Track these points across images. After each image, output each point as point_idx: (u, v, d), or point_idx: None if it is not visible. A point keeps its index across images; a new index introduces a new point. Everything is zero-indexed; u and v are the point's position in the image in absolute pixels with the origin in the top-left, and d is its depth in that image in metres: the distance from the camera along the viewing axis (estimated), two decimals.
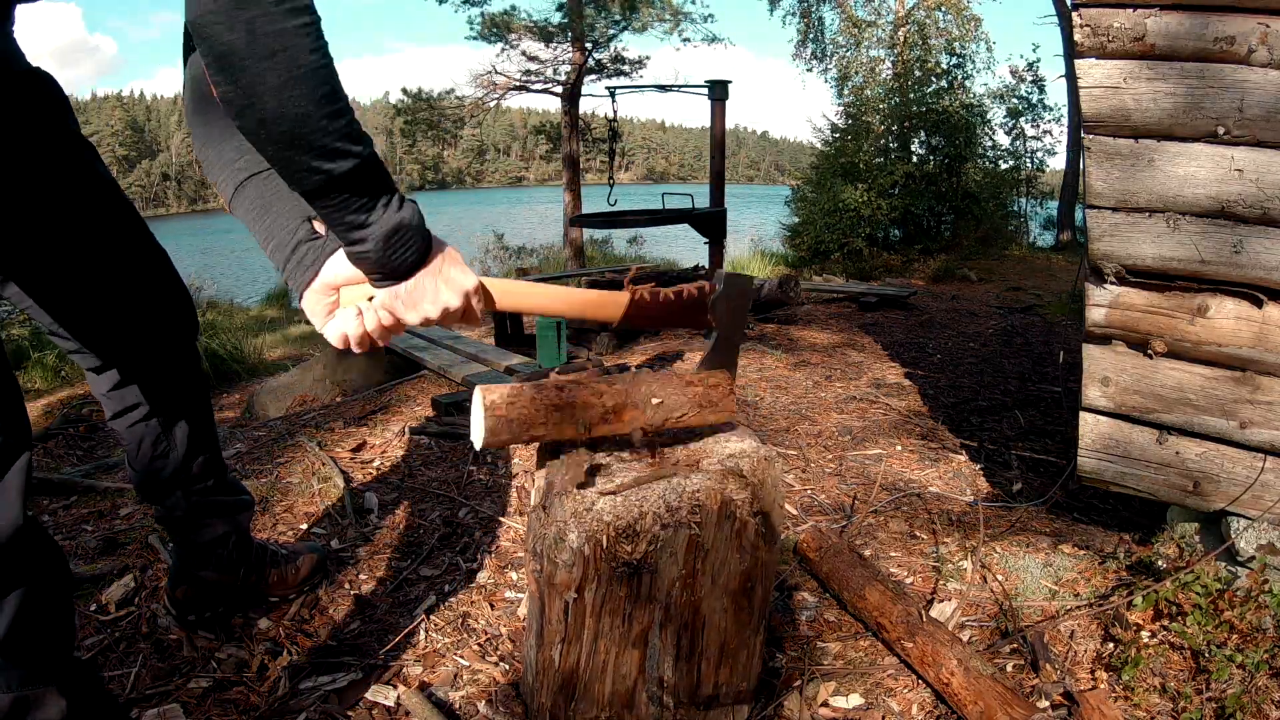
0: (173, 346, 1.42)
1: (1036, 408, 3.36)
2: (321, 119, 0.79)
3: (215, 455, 1.51)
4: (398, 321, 0.98)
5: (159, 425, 1.42)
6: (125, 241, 1.30)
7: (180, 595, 1.55)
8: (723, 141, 4.84)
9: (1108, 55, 1.68)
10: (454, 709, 1.39)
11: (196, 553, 1.53)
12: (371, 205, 0.87)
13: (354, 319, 0.98)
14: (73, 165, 1.20)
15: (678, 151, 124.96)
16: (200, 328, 1.50)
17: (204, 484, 1.49)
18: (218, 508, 1.53)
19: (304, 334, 6.73)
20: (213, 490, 1.51)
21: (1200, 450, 1.74)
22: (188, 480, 1.46)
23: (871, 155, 11.14)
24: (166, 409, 1.42)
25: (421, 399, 3.36)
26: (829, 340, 4.77)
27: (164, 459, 1.43)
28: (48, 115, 1.15)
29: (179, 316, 1.42)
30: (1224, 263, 1.64)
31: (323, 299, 0.99)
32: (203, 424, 1.48)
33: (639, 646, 1.15)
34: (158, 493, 1.47)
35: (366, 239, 0.89)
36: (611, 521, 1.06)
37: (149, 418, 1.41)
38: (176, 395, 1.43)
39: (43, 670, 0.94)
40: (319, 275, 0.98)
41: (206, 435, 1.49)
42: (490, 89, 12.58)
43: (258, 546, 1.65)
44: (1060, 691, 1.41)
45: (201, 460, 1.48)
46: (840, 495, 2.40)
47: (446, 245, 0.98)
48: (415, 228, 0.91)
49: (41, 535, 0.98)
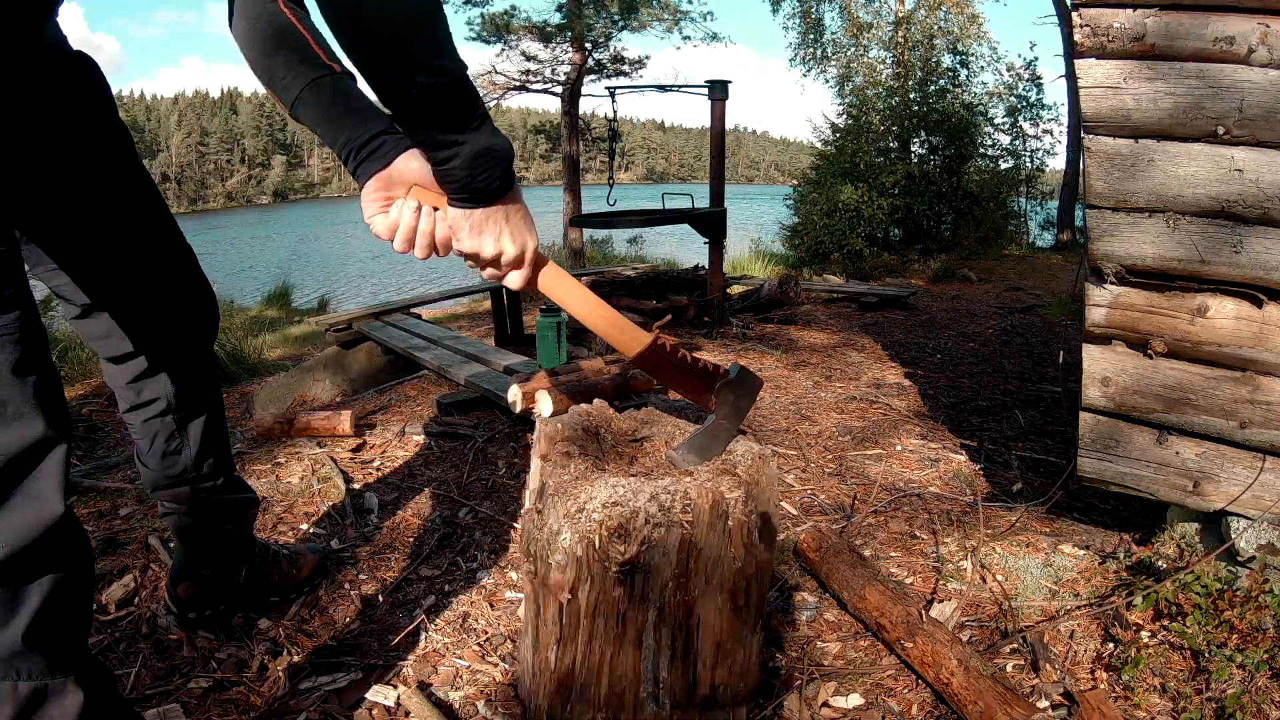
0: (195, 344, 1.42)
1: (1036, 408, 3.36)
2: (423, 31, 0.81)
3: (225, 454, 1.52)
4: (452, 242, 0.99)
5: (174, 422, 1.42)
6: (158, 231, 1.31)
7: (182, 593, 1.55)
8: (722, 141, 4.84)
9: (1108, 55, 1.68)
10: (454, 709, 1.39)
11: (200, 550, 1.53)
12: (465, 123, 0.88)
13: (412, 214, 0.99)
14: (117, 147, 1.22)
15: (678, 151, 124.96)
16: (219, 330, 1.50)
17: (213, 482, 1.49)
18: (225, 506, 1.53)
19: (304, 334, 6.73)
20: (221, 489, 1.51)
21: (1200, 450, 1.74)
22: (198, 478, 1.47)
23: (872, 155, 11.15)
24: (184, 406, 1.42)
25: (422, 399, 3.36)
26: (829, 340, 4.77)
27: (176, 455, 1.43)
28: (94, 96, 1.17)
29: (203, 315, 1.42)
30: (1224, 263, 1.64)
31: (384, 192, 0.99)
32: (216, 423, 1.49)
33: (634, 647, 1.15)
34: (167, 489, 1.47)
35: (456, 156, 0.89)
36: (603, 521, 1.06)
37: (166, 413, 1.41)
38: (195, 393, 1.43)
39: (63, 660, 0.94)
40: (391, 165, 0.98)
41: (219, 434, 1.49)
42: (490, 89, 12.58)
43: (261, 546, 1.65)
44: (1060, 691, 1.41)
45: (213, 460, 1.48)
46: (840, 495, 2.40)
47: (524, 202, 1.00)
48: (504, 153, 0.92)
49: (75, 526, 0.98)
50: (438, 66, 0.83)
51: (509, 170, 0.94)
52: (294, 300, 10.11)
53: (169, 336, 1.37)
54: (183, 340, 1.40)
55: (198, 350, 1.43)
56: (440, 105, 0.85)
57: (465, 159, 0.89)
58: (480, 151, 0.90)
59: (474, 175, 0.91)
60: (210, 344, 1.46)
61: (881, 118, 11.58)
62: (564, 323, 3.58)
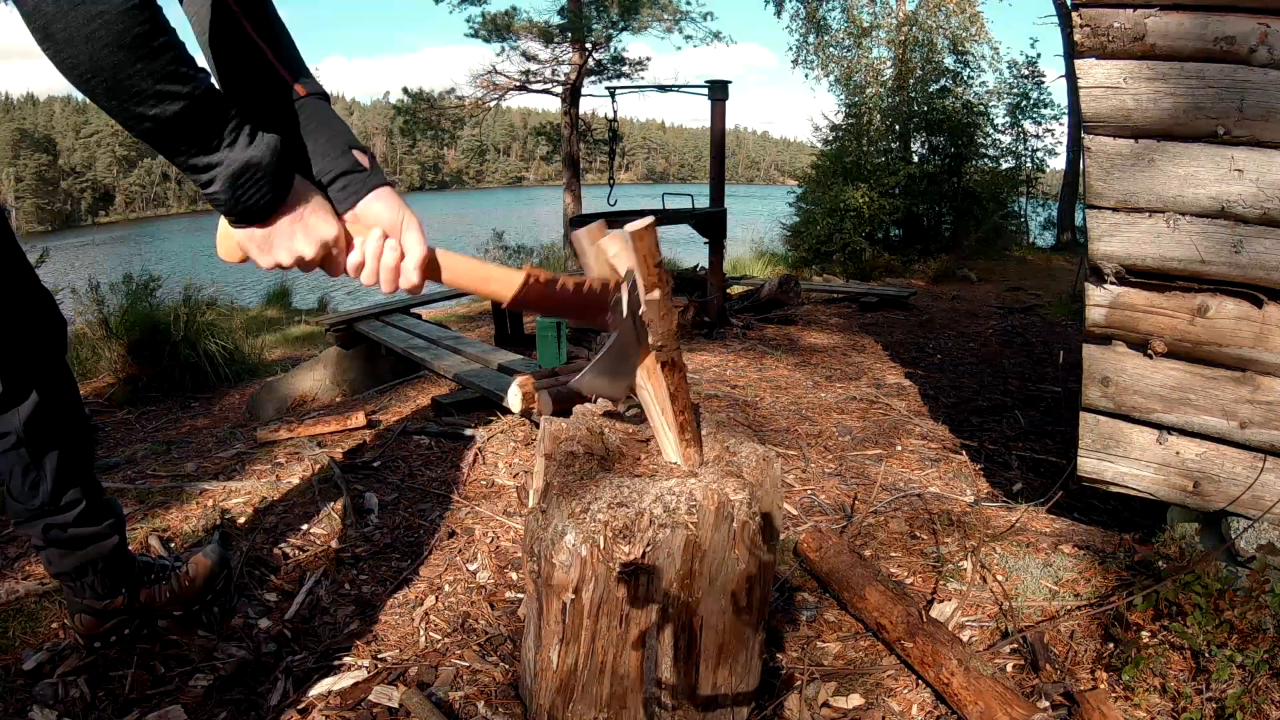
0: (44, 362, 1.30)
1: (1036, 408, 3.36)
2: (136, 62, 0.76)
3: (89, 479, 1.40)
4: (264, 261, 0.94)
5: (28, 455, 1.29)
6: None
7: (80, 626, 1.46)
8: (723, 142, 4.84)
9: (1108, 55, 1.68)
10: (454, 709, 1.39)
11: (75, 584, 1.42)
12: (214, 145, 0.83)
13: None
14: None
15: (678, 152, 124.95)
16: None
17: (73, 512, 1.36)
18: (86, 539, 1.40)
19: (304, 334, 6.73)
20: (81, 519, 1.38)
21: (1200, 450, 1.74)
22: (55, 510, 1.35)
23: (873, 155, 11.15)
24: (37, 438, 1.29)
25: (422, 399, 3.36)
26: (829, 341, 4.77)
27: (35, 489, 1.31)
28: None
29: (48, 330, 1.30)
30: (1224, 263, 1.64)
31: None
32: (76, 450, 1.36)
33: (637, 647, 1.15)
34: (28, 523, 1.36)
35: (214, 180, 0.84)
36: (608, 522, 1.06)
37: (18, 446, 1.29)
38: (49, 420, 1.31)
39: None
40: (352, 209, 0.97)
41: (80, 461, 1.37)
42: (490, 89, 12.58)
43: (142, 565, 1.53)
44: (1060, 691, 1.41)
45: (76, 489, 1.36)
46: (840, 495, 2.40)
47: (315, 193, 0.94)
48: (268, 165, 0.86)
49: None
50: (162, 93, 0.78)
51: (279, 178, 0.88)
52: (294, 300, 10.11)
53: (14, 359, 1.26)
54: (26, 364, 1.28)
55: (48, 368, 1.31)
56: (178, 132, 0.81)
57: (224, 181, 0.84)
58: (238, 170, 0.84)
59: (237, 196, 0.86)
60: (61, 357, 1.34)
61: (883, 118, 11.58)
62: (564, 323, 3.58)
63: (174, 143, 0.82)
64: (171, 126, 0.80)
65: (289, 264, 0.93)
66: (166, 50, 0.78)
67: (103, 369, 4.29)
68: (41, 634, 1.53)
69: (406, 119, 12.86)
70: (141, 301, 4.60)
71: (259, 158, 0.85)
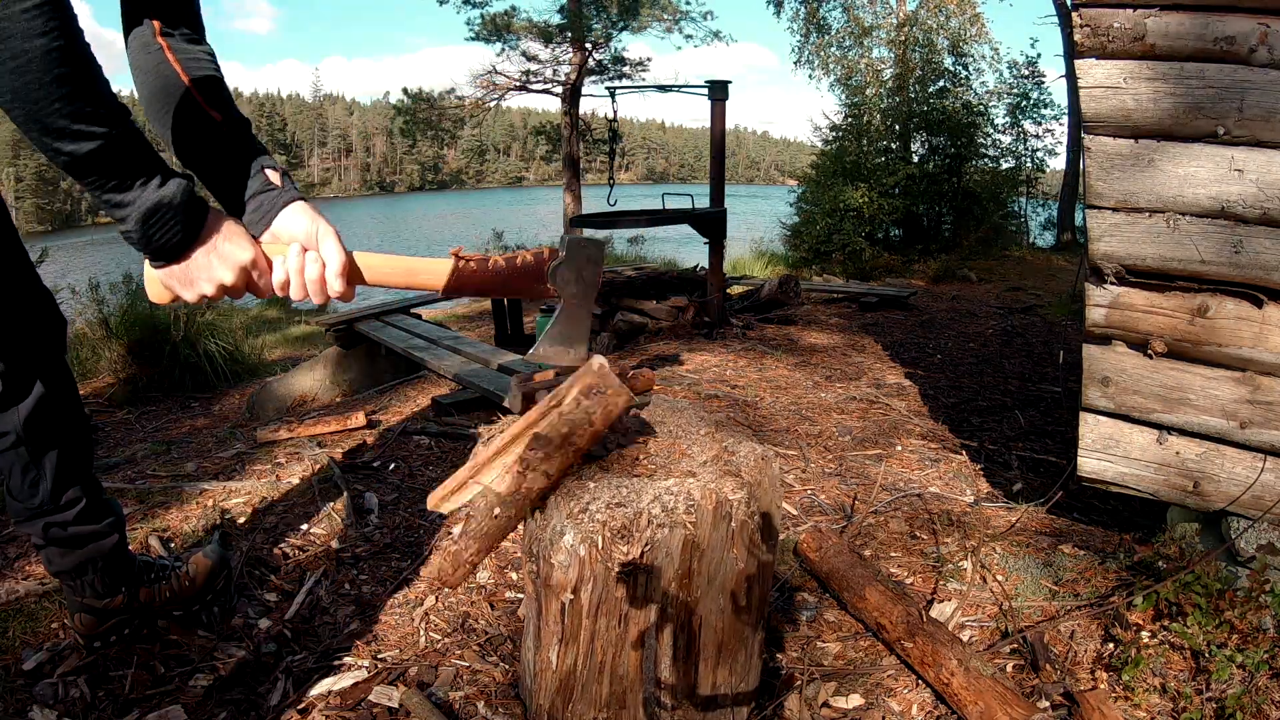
0: (43, 360, 1.31)
1: (1036, 408, 3.36)
2: (55, 101, 0.78)
3: (88, 478, 1.40)
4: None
5: (28, 454, 1.30)
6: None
7: (80, 626, 1.46)
8: (723, 142, 4.83)
9: (1108, 55, 1.68)
10: (454, 709, 1.39)
11: (75, 583, 1.43)
12: (126, 185, 0.86)
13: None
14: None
15: (678, 152, 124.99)
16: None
17: (72, 511, 1.36)
18: (85, 537, 1.40)
19: (304, 334, 6.74)
20: (81, 518, 1.38)
21: (1200, 450, 1.74)
22: (55, 510, 1.35)
23: (873, 155, 11.15)
24: (36, 437, 1.30)
25: (422, 399, 3.36)
26: (829, 341, 4.77)
27: (35, 488, 1.32)
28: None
29: (48, 327, 1.31)
30: (1224, 263, 1.64)
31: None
32: (76, 448, 1.36)
33: (636, 647, 1.15)
34: (28, 521, 1.36)
35: (127, 218, 0.87)
36: (606, 522, 1.06)
37: (18, 445, 1.29)
38: (49, 418, 1.31)
39: None
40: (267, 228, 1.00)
41: (79, 460, 1.37)
42: (490, 89, 12.59)
43: (142, 564, 1.54)
44: (1060, 691, 1.41)
45: (76, 488, 1.36)
46: (840, 495, 2.40)
47: (226, 220, 0.96)
48: (177, 206, 0.89)
49: None
50: (78, 132, 0.80)
51: (189, 217, 0.91)
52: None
53: (14, 358, 1.27)
54: (29, 360, 1.28)
55: (48, 368, 1.32)
56: (94, 170, 0.83)
57: (135, 221, 0.87)
58: (148, 210, 0.87)
59: (148, 236, 0.88)
60: (61, 356, 1.35)
61: (883, 118, 11.58)
62: None
63: (88, 177, 0.84)
64: (86, 163, 0.83)
65: (214, 294, 0.96)
66: (86, 92, 0.81)
67: (103, 369, 4.30)
68: (41, 634, 1.53)
69: (406, 119, 12.87)
70: (141, 301, 4.60)
71: (169, 197, 0.88)
